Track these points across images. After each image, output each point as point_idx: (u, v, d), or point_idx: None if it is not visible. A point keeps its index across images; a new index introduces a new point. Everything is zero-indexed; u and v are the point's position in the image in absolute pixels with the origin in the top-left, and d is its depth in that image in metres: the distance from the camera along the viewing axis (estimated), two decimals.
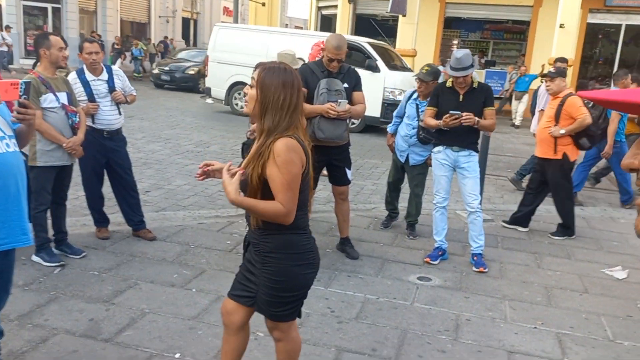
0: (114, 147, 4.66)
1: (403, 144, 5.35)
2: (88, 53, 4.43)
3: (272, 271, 2.35)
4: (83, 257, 4.37)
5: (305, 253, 2.38)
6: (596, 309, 4.10)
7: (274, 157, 2.20)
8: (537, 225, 6.15)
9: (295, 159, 2.21)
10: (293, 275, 2.36)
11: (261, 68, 2.31)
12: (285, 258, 2.34)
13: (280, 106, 2.24)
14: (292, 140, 2.22)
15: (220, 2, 35.14)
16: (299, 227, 2.36)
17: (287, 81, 2.27)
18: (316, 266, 2.44)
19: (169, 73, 18.88)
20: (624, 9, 16.67)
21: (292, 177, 2.20)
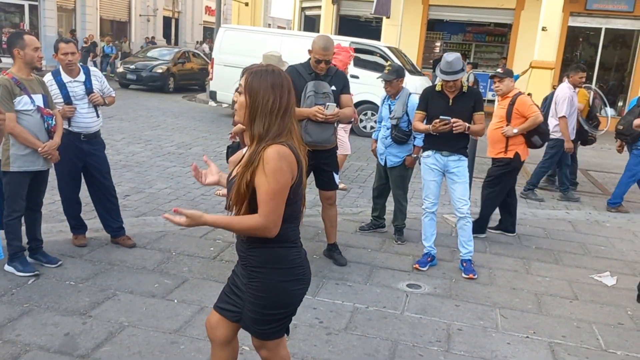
0: (91, 151, 4.48)
1: (381, 146, 5.34)
2: (64, 54, 4.24)
3: (258, 287, 2.21)
4: (59, 266, 4.18)
5: (294, 268, 2.24)
6: (587, 317, 4.04)
7: (263, 164, 2.07)
8: (524, 229, 6.10)
9: (284, 168, 2.08)
10: (280, 291, 2.22)
11: (248, 72, 2.19)
12: (273, 273, 2.20)
13: (270, 110, 2.11)
14: (283, 148, 2.09)
15: (202, 1, 34.80)
16: (288, 240, 2.22)
17: (276, 83, 2.15)
18: (306, 282, 2.30)
19: (135, 72, 17.79)
20: (604, 12, 16.82)
21: (279, 187, 2.07)
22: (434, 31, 19.26)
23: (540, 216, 6.75)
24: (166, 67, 18.02)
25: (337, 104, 4.41)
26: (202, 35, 35.16)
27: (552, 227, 6.29)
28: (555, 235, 6.00)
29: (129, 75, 17.80)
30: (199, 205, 6.13)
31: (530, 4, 16.95)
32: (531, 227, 6.24)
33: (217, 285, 4.06)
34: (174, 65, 18.36)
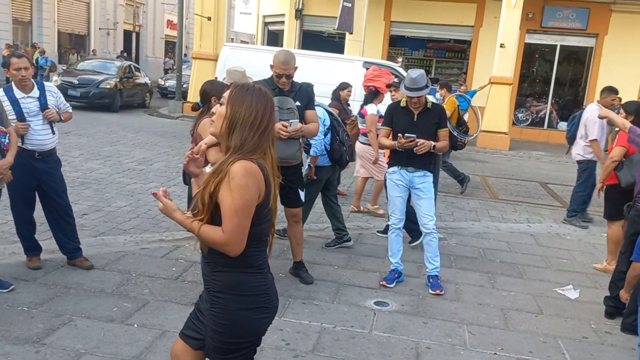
0: (46, 169, 4.28)
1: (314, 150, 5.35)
2: (16, 69, 4.06)
3: (219, 314, 2.11)
4: (11, 291, 3.96)
5: (258, 295, 2.13)
6: (552, 331, 4.07)
7: (228, 179, 2.00)
8: (488, 243, 6.17)
9: (250, 185, 2.01)
10: (242, 319, 2.11)
11: (234, 86, 2.16)
12: (234, 300, 2.10)
13: (250, 124, 2.07)
14: (251, 164, 2.02)
15: (164, 15, 34.44)
16: (252, 265, 2.12)
17: (261, 101, 2.12)
18: (272, 310, 2.20)
19: (79, 87, 15.51)
20: (559, 30, 17.41)
21: (242, 203, 1.99)
22: (395, 47, 19.55)
23: (503, 230, 6.83)
24: (114, 82, 16.08)
25: (301, 120, 4.37)
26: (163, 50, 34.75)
27: (515, 240, 6.37)
28: (518, 248, 6.07)
29: (71, 91, 15.35)
30: (161, 224, 5.96)
31: (489, 21, 17.39)
32: (495, 240, 6.30)
33: (180, 308, 3.93)
34: (119, 80, 16.44)
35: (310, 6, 19.19)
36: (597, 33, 17.06)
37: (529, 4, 15.71)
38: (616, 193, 5.24)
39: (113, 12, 29.47)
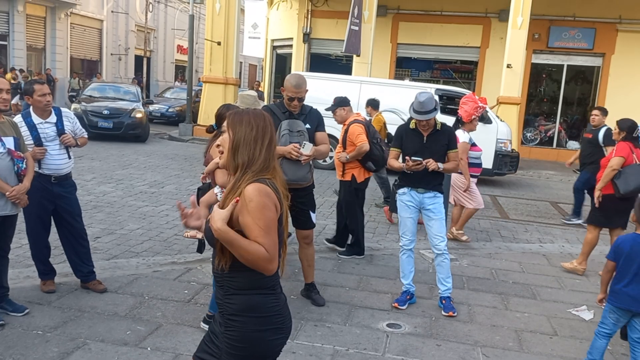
0: (62, 193, 4.35)
1: None
2: (41, 95, 4.15)
3: (235, 337, 2.13)
4: (26, 315, 4.00)
5: (272, 316, 2.15)
6: (568, 354, 4.03)
7: (246, 203, 2.02)
8: (500, 264, 6.14)
9: (268, 203, 2.05)
10: (258, 341, 2.13)
11: (230, 113, 2.23)
12: (250, 322, 2.11)
13: (253, 139, 2.12)
14: (263, 185, 2.07)
15: (174, 40, 34.96)
16: (266, 287, 2.14)
17: (259, 117, 2.18)
18: (286, 331, 2.21)
19: (110, 118, 14.10)
20: (565, 50, 17.50)
21: (269, 221, 2.03)
22: (402, 68, 19.69)
23: (515, 250, 6.80)
24: (143, 111, 14.91)
25: (312, 142, 4.42)
26: (173, 74, 35.21)
27: (527, 260, 6.33)
28: (531, 269, 6.03)
29: (102, 122, 14.04)
30: (173, 246, 6.00)
31: (495, 42, 17.53)
32: (507, 261, 6.27)
33: (192, 331, 3.94)
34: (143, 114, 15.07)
35: (317, 30, 19.46)
36: (603, 52, 17.12)
37: (535, 24, 15.83)
38: (609, 202, 5.53)
39: (124, 38, 29.98)
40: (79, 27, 26.61)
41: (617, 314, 3.55)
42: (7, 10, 22.47)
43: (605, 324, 3.63)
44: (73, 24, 25.95)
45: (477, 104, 6.52)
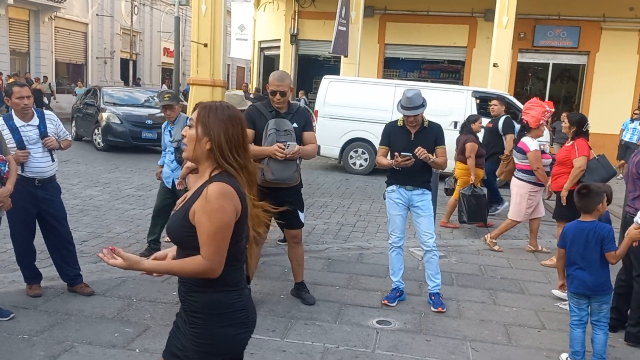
0: (46, 197, 4.30)
1: (167, 170, 5.61)
2: (19, 98, 4.10)
3: (198, 334, 2.10)
4: (11, 319, 3.94)
5: (235, 312, 2.13)
6: (556, 346, 4.05)
7: (205, 202, 2.00)
8: (488, 260, 6.17)
9: (226, 206, 2.01)
10: (221, 338, 2.11)
11: (201, 107, 2.15)
12: (212, 319, 2.10)
13: (225, 143, 2.07)
14: (226, 186, 2.03)
15: (160, 43, 34.79)
16: (228, 284, 2.11)
17: (233, 117, 2.12)
18: (250, 325, 2.20)
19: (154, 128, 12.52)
20: (551, 48, 17.64)
21: (220, 226, 1.99)
22: (390, 69, 19.75)
23: (503, 246, 6.82)
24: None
25: (300, 141, 4.40)
26: (160, 77, 35.04)
27: (515, 256, 6.37)
28: (518, 264, 6.07)
29: (146, 133, 12.64)
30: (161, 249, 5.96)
31: (481, 41, 17.63)
32: (495, 257, 6.30)
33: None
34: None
35: (305, 31, 19.46)
36: (588, 51, 17.29)
37: (521, 23, 15.95)
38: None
39: (110, 42, 29.78)
40: (63, 31, 26.40)
41: (576, 299, 3.71)
42: None
43: (572, 311, 3.76)
44: (57, 27, 25.75)
45: (545, 108, 6.33)
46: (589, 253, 3.62)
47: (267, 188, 4.29)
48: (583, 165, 5.57)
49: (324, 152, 12.35)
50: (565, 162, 5.78)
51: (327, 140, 12.03)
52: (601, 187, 3.80)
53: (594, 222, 3.67)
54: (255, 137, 4.31)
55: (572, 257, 3.69)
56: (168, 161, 5.61)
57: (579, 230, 3.68)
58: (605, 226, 3.67)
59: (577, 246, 3.66)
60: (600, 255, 3.60)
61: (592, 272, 3.60)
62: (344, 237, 6.94)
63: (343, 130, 12.13)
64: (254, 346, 3.76)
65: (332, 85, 12.38)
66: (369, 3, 17.14)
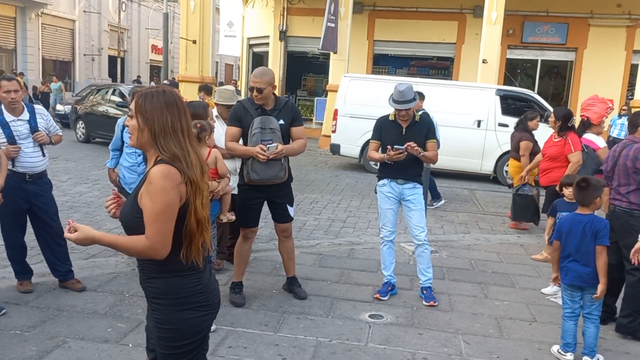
0: (37, 192, 4.27)
1: (131, 175, 5.00)
2: (6, 92, 4.06)
3: (160, 319, 2.12)
4: (3, 315, 3.92)
5: (193, 295, 2.13)
6: (547, 339, 4.10)
7: (148, 183, 2.02)
8: (479, 254, 6.21)
9: (168, 187, 2.00)
10: (182, 322, 2.12)
11: (137, 94, 2.13)
12: (171, 304, 2.10)
13: (167, 130, 2.06)
14: (169, 168, 2.03)
15: (148, 40, 34.56)
16: (184, 268, 2.11)
17: (170, 103, 2.10)
18: (211, 306, 2.20)
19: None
20: (539, 45, 17.80)
21: (162, 206, 1.99)
22: (379, 65, 19.80)
23: (493, 241, 6.89)
24: None
25: (287, 138, 4.35)
26: (148, 75, 34.82)
27: (505, 251, 6.42)
28: (509, 259, 6.12)
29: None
30: None
31: (470, 38, 17.73)
32: (485, 252, 6.35)
33: None
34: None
35: (293, 27, 19.45)
36: (576, 47, 17.45)
37: (509, 20, 16.05)
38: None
39: (97, 38, 29.54)
40: (50, 28, 26.16)
41: (569, 290, 3.75)
42: None
43: (564, 303, 3.81)
44: (44, 24, 25.50)
45: (607, 105, 6.27)
46: (584, 245, 3.64)
47: (254, 185, 4.30)
48: (580, 159, 5.66)
49: (344, 152, 12.15)
50: (557, 157, 5.82)
51: (347, 140, 11.84)
52: (600, 181, 3.84)
53: (591, 215, 3.70)
54: (242, 134, 4.29)
55: (567, 249, 3.72)
56: (130, 164, 4.99)
57: (575, 222, 3.71)
58: (602, 220, 3.70)
59: (573, 238, 3.69)
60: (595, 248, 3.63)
61: (587, 265, 3.63)
62: (334, 232, 6.96)
63: (363, 129, 11.40)
64: (247, 340, 3.77)
65: (352, 84, 12.03)
66: None
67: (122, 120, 5.03)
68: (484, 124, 11.22)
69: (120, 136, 5.07)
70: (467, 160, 11.39)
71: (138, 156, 4.88)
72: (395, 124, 4.61)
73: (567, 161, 5.76)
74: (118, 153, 5.16)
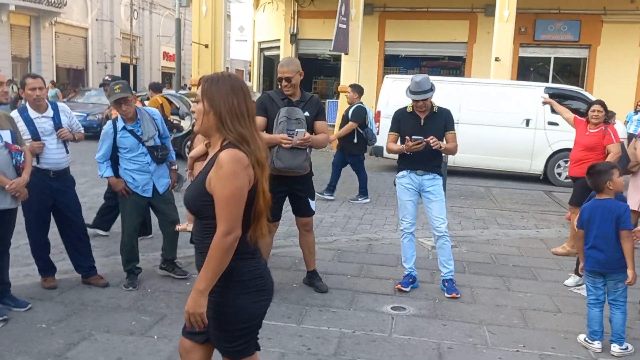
0: (61, 188, 4.32)
1: (142, 176, 4.52)
2: (31, 89, 4.13)
3: (217, 302, 2.13)
4: (29, 310, 3.96)
5: (253, 280, 2.16)
6: (573, 328, 4.05)
7: (218, 167, 2.03)
8: (499, 249, 6.17)
9: (238, 171, 2.03)
10: (241, 305, 2.14)
11: (204, 80, 2.17)
12: (230, 287, 2.12)
13: (233, 113, 2.09)
14: (237, 152, 2.06)
15: (160, 47, 34.84)
16: (246, 252, 2.13)
17: (235, 86, 2.14)
18: (268, 292, 2.22)
19: None
20: (552, 42, 17.66)
21: (233, 190, 2.02)
22: (390, 66, 19.77)
23: (512, 236, 6.84)
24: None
25: (311, 131, 4.40)
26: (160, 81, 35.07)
27: (525, 245, 6.37)
28: (529, 253, 6.07)
29: None
30: None
31: (482, 37, 17.64)
32: (505, 246, 6.31)
33: None
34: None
35: (304, 30, 19.49)
36: (589, 44, 17.30)
37: (521, 18, 15.96)
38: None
39: (110, 46, 29.83)
40: (63, 36, 26.44)
41: (591, 277, 3.72)
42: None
43: (588, 290, 3.78)
44: (58, 32, 25.78)
45: None
46: (603, 230, 3.63)
47: (277, 175, 4.31)
48: (620, 150, 5.60)
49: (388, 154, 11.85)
50: (595, 148, 5.70)
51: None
52: (607, 164, 3.84)
53: (609, 200, 3.68)
54: (267, 124, 4.32)
55: (588, 236, 3.70)
56: (139, 165, 4.50)
57: (595, 208, 3.70)
58: (622, 204, 3.70)
59: (592, 224, 3.67)
60: (615, 233, 3.60)
61: (606, 250, 3.61)
62: (351, 229, 6.94)
63: None
64: (271, 331, 3.77)
65: (395, 85, 11.54)
66: (369, 1, 17.16)
67: (109, 127, 4.49)
68: (532, 123, 10.96)
69: (112, 143, 4.47)
70: (514, 160, 11.12)
71: (145, 155, 4.48)
72: (414, 115, 4.60)
73: (604, 152, 5.65)
74: (110, 162, 4.54)
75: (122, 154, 4.51)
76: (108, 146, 4.50)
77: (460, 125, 10.83)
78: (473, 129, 10.89)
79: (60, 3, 24.11)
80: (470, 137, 10.85)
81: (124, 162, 4.52)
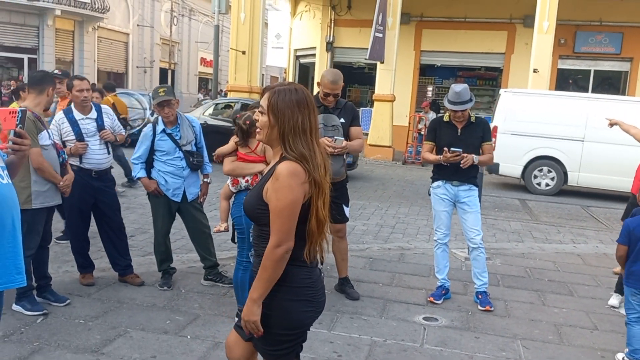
0: (102, 188, 4.45)
1: (175, 180, 4.52)
2: (79, 90, 4.27)
3: (265, 304, 2.14)
4: (67, 305, 4.07)
5: (303, 288, 2.16)
6: (610, 347, 3.95)
7: (274, 180, 2.07)
8: (534, 263, 6.05)
9: (294, 185, 2.05)
10: (287, 311, 2.14)
11: (270, 92, 2.16)
12: (280, 291, 2.13)
13: (297, 129, 2.10)
14: (295, 165, 2.07)
15: (198, 53, 35.48)
16: (299, 259, 2.14)
17: (302, 102, 2.13)
18: (317, 305, 2.21)
19: None
20: (592, 55, 17.31)
21: (287, 203, 2.04)
22: (425, 76, 19.67)
23: (548, 250, 6.70)
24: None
25: (346, 137, 4.43)
26: (197, 86, 35.70)
27: (561, 260, 6.23)
28: (566, 268, 5.94)
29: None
30: None
31: (520, 48, 17.41)
32: (541, 260, 6.18)
33: (230, 321, 3.96)
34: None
35: (340, 38, 19.57)
36: (631, 57, 16.89)
37: (561, 29, 15.69)
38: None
39: (150, 51, 30.51)
40: (105, 41, 27.17)
41: (638, 296, 3.58)
42: (37, 25, 23.09)
43: (630, 308, 3.64)
44: (100, 37, 26.51)
45: None
46: None
47: None
48: None
49: (503, 171, 11.42)
50: None
51: (507, 158, 11.02)
52: None
53: None
54: None
55: (632, 251, 3.58)
56: (174, 169, 4.49)
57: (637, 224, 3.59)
58: None
59: (635, 239, 3.56)
60: None
61: None
62: (384, 237, 6.92)
63: (527, 147, 11.15)
64: None
65: (514, 99, 11.41)
66: (405, 10, 17.12)
67: (148, 129, 4.50)
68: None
69: (150, 146, 4.47)
70: None
71: (181, 160, 4.48)
72: (451, 124, 4.57)
73: None
74: (144, 164, 4.54)
75: (158, 156, 4.52)
76: (146, 148, 4.49)
77: (585, 144, 10.77)
78: (599, 147, 10.50)
79: (104, 8, 24.81)
80: (596, 157, 10.56)
81: (159, 164, 4.52)
